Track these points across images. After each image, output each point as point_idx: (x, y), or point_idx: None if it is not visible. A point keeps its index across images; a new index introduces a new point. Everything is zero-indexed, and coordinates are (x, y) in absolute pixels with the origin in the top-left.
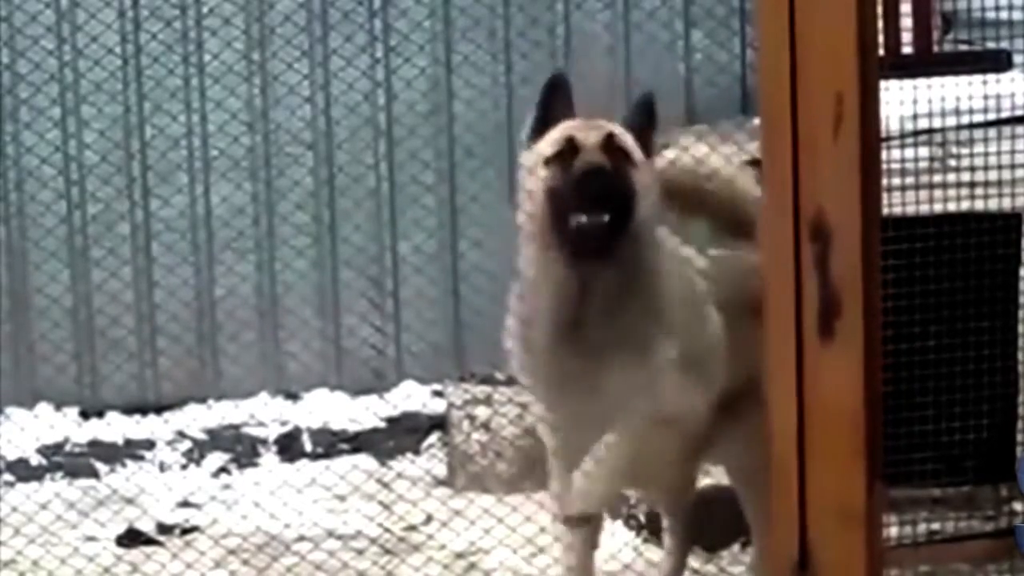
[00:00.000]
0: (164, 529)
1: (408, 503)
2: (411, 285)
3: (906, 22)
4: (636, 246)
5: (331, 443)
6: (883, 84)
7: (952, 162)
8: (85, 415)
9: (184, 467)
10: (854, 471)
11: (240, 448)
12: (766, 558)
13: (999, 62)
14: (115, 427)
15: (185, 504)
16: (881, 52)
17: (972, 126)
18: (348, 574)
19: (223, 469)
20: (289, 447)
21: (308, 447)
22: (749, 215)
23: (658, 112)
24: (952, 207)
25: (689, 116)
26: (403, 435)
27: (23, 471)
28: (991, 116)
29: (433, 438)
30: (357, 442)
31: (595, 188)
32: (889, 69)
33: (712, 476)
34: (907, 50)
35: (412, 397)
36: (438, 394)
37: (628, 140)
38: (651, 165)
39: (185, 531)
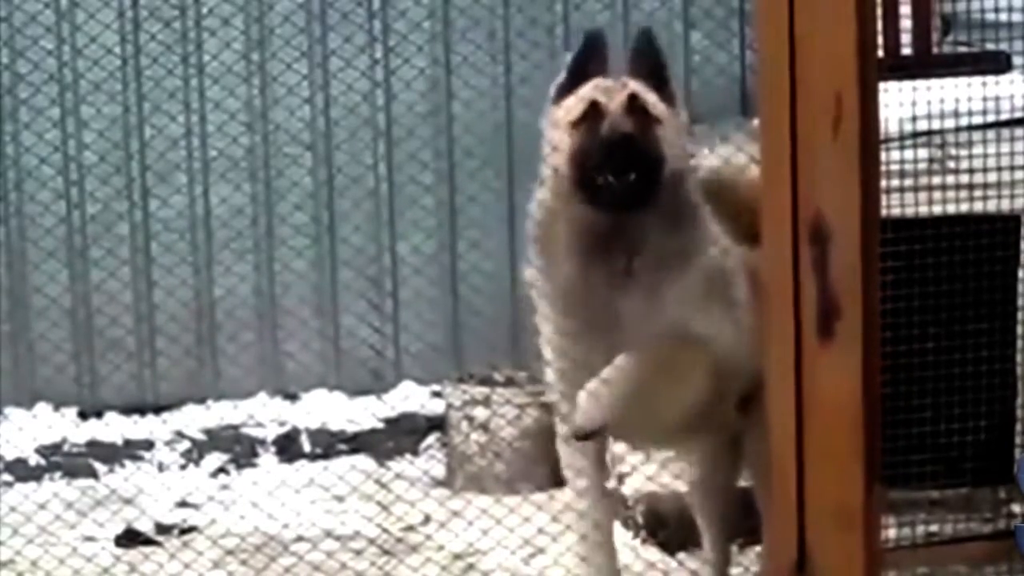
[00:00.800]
0: (162, 529)
1: (406, 504)
2: (410, 286)
3: (905, 23)
4: (667, 197)
5: (329, 444)
6: (882, 86)
7: (951, 164)
8: (84, 415)
9: (182, 467)
10: (853, 472)
11: (239, 448)
12: (765, 559)
13: (998, 64)
14: (114, 427)
15: (183, 504)
16: (880, 53)
17: (971, 128)
18: (346, 575)
19: (221, 469)
20: (287, 447)
21: (306, 447)
22: None
23: (659, 48)
24: (951, 209)
25: (688, 117)
26: (401, 436)
27: (22, 471)
28: (990, 118)
29: (431, 439)
30: (355, 443)
31: (621, 154)
32: (888, 71)
33: None
34: (906, 51)
35: (410, 398)
36: (436, 395)
37: (650, 97)
38: (674, 114)
39: (183, 531)
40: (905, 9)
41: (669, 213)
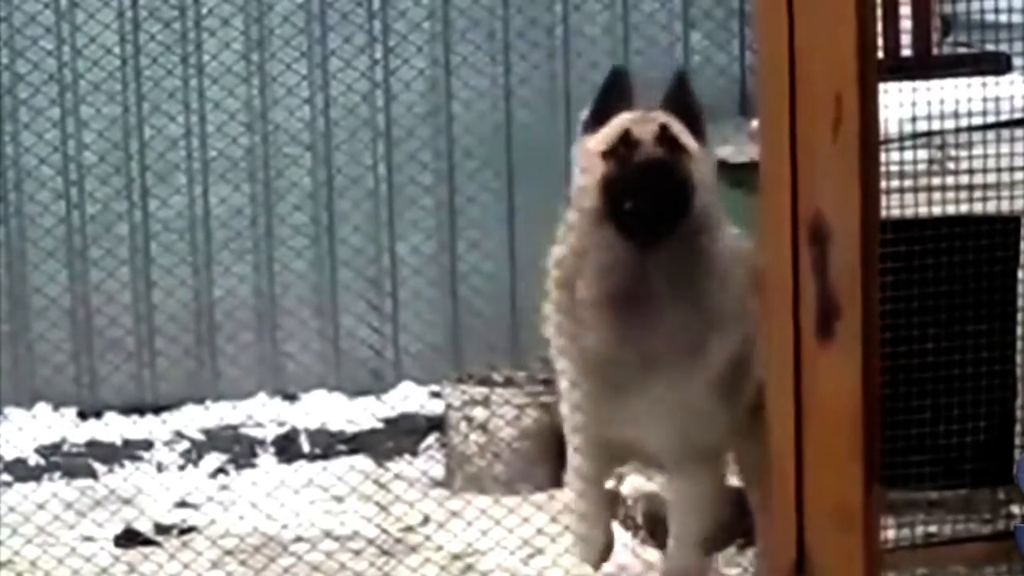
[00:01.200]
0: (161, 529)
1: (405, 504)
2: (409, 286)
3: (905, 24)
4: (694, 234)
5: (329, 444)
6: (882, 86)
7: (951, 165)
8: (83, 415)
9: (182, 467)
10: (852, 473)
11: (238, 449)
12: (763, 560)
13: (998, 64)
14: (113, 427)
15: (183, 504)
16: (880, 54)
17: (971, 129)
18: (345, 575)
19: (221, 470)
20: (287, 448)
21: (306, 448)
22: None
23: (694, 91)
24: (951, 210)
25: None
26: (401, 436)
27: (21, 471)
28: (990, 119)
29: (431, 439)
30: (355, 443)
31: (653, 180)
32: (888, 71)
33: None
34: (906, 52)
35: (410, 398)
36: (436, 395)
37: (681, 130)
38: (705, 152)
39: (182, 531)
40: (905, 10)
41: (692, 254)
